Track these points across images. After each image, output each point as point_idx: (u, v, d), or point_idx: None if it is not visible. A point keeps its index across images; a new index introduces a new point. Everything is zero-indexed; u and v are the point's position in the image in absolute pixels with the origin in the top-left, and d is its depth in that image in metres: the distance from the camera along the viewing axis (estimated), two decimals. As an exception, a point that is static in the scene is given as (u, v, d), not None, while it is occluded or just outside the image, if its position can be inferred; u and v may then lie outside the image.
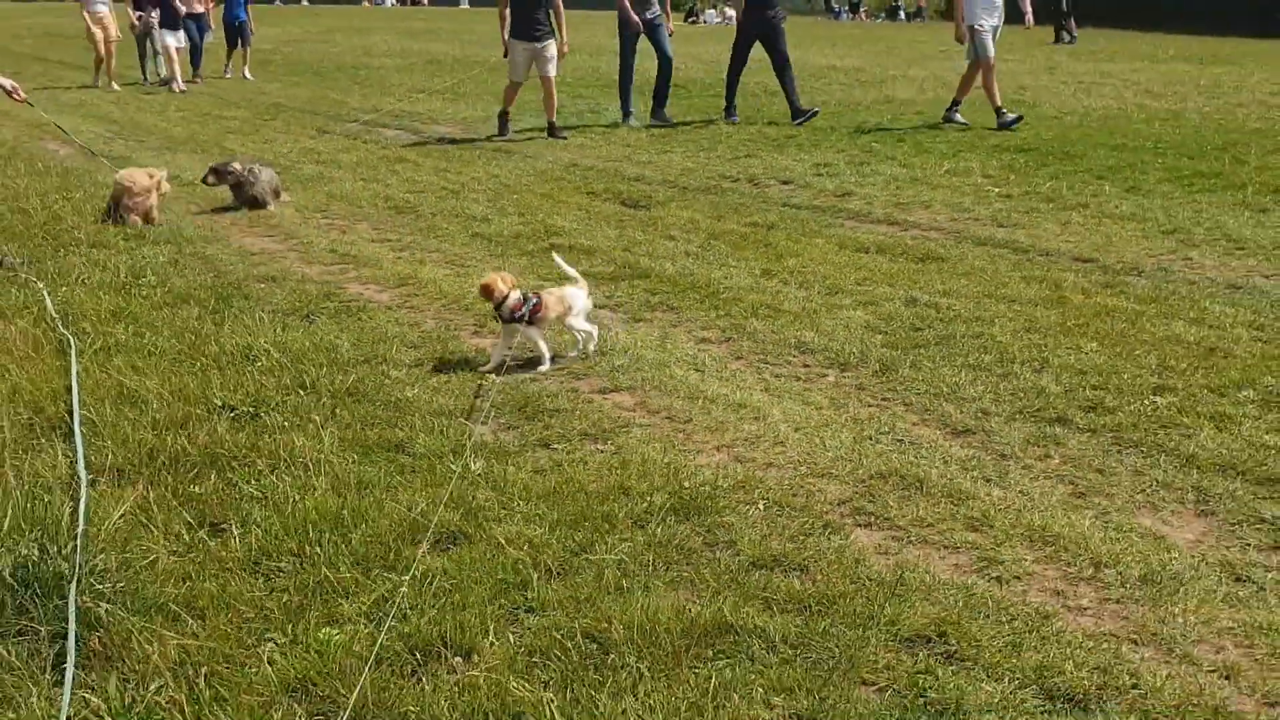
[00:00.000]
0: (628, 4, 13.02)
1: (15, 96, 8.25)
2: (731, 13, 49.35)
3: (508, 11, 12.18)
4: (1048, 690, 2.81)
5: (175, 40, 18.16)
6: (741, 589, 3.25)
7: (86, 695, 2.74)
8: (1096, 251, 7.22)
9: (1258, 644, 3.02)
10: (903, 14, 51.66)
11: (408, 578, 3.25)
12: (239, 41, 20.00)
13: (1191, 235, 7.58)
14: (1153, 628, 3.09)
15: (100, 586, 3.14)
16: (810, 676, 2.85)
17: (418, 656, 2.90)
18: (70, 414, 4.42)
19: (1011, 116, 12.36)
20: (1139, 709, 2.74)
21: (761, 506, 3.79)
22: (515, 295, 5.15)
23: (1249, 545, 3.56)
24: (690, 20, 45.13)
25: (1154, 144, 10.98)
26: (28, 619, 3.00)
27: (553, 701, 2.72)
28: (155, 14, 18.24)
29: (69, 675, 2.78)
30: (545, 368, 5.16)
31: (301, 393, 4.74)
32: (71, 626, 2.94)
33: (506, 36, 12.31)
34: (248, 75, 19.84)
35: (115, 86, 18.16)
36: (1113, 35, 30.51)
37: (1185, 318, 5.76)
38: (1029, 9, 13.43)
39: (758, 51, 13.40)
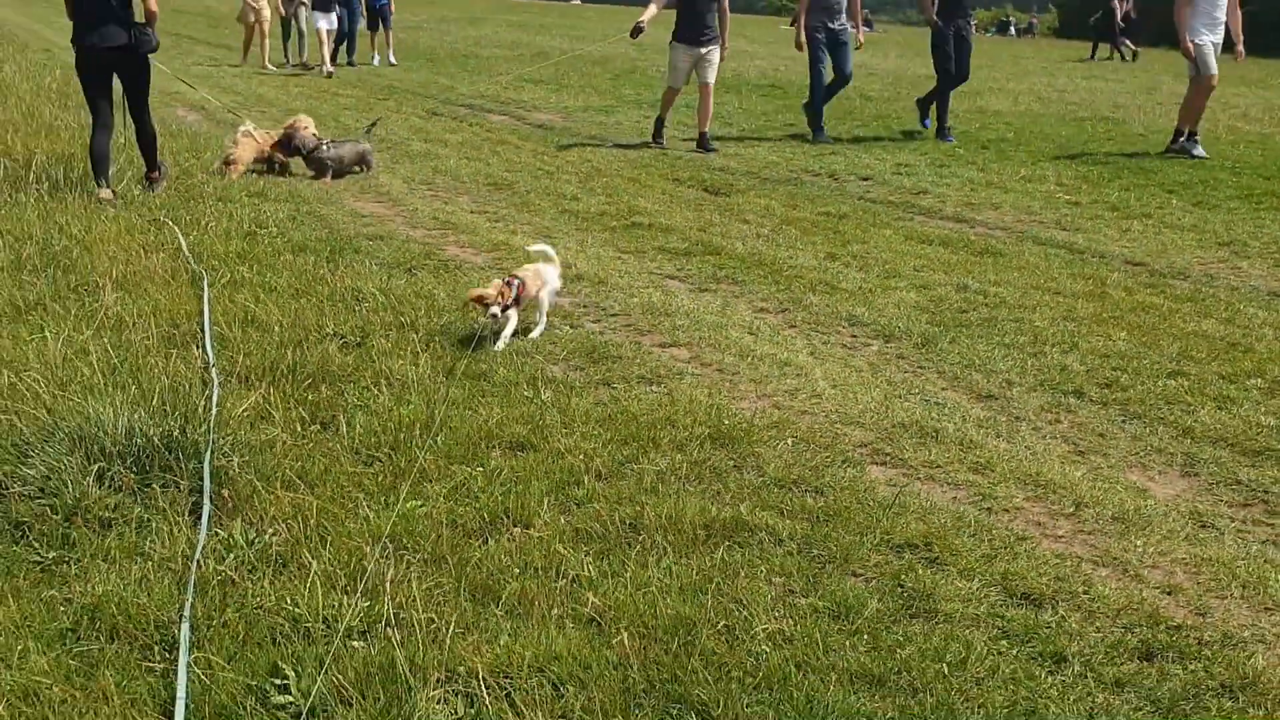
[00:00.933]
0: (803, 16, 12.43)
1: None
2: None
3: (654, 7, 11.66)
4: (1009, 590, 3.32)
5: (327, 23, 18.42)
6: (760, 500, 3.80)
7: (218, 530, 3.41)
8: (1149, 256, 7.58)
9: (1203, 572, 3.48)
10: (1013, 29, 51.40)
11: (482, 469, 3.88)
12: (380, 25, 20.32)
13: (1246, 248, 7.88)
14: (1114, 554, 3.57)
15: (229, 456, 3.81)
16: (808, 566, 3.40)
17: (485, 519, 3.52)
18: (202, 329, 5.13)
19: (1199, 150, 11.50)
20: (1084, 609, 3.23)
21: (790, 443, 4.33)
22: (498, 291, 5.23)
23: (1221, 501, 4.00)
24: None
25: (1232, 164, 11.18)
26: (172, 476, 3.68)
27: (591, 564, 3.31)
28: None
29: (205, 514, 3.45)
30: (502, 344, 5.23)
31: (402, 329, 5.40)
32: (207, 481, 3.61)
33: (645, 18, 11.65)
34: (392, 60, 20.14)
35: (271, 68, 18.57)
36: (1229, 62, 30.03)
37: (1217, 317, 6.14)
38: (1240, 40, 11.92)
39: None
